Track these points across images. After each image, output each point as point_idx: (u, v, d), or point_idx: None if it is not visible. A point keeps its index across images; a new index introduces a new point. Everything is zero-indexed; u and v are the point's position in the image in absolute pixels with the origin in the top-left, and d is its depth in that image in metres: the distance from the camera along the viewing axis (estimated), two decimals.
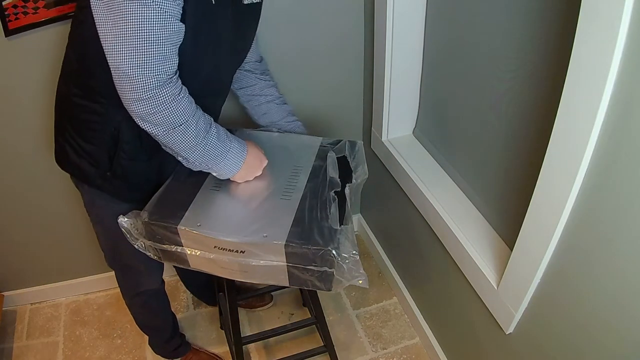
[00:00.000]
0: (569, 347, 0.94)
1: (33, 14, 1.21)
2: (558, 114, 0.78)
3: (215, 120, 1.24)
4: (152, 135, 0.95)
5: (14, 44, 1.26)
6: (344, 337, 1.71)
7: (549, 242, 0.89)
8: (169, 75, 0.89)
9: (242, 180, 1.07)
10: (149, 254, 1.02)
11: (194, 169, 1.03)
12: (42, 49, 1.29)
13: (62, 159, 1.11)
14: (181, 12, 0.86)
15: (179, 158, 1.01)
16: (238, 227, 0.96)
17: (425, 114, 1.54)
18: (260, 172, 1.09)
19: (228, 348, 1.66)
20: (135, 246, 1.00)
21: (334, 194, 1.02)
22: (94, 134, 1.03)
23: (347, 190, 1.06)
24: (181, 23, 0.87)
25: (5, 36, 1.24)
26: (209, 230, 0.95)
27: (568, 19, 0.80)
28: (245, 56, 1.18)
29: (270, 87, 1.30)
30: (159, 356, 1.63)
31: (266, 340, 1.66)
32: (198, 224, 0.96)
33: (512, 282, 1.04)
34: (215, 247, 0.96)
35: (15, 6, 1.19)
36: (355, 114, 1.77)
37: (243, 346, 1.36)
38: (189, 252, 0.99)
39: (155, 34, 0.83)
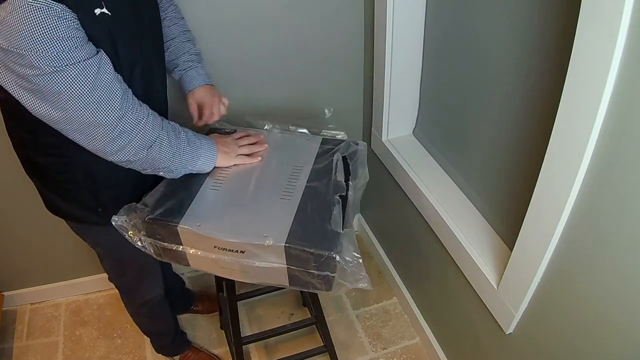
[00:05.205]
0: (569, 347, 0.94)
1: None
2: (558, 114, 0.78)
3: (165, 104, 1.16)
4: (133, 166, 0.95)
5: None
6: (344, 337, 1.71)
7: (549, 242, 0.89)
8: (119, 99, 0.84)
9: (229, 163, 1.09)
10: (149, 251, 1.02)
11: (177, 177, 1.04)
12: None
13: (53, 209, 1.11)
14: (86, 39, 0.79)
15: (160, 173, 1.01)
16: (238, 227, 0.96)
17: (425, 114, 1.54)
18: (237, 147, 1.11)
19: (228, 348, 1.66)
20: (136, 245, 1.00)
21: (338, 197, 1.02)
22: (66, 185, 1.02)
23: (350, 193, 1.06)
24: (96, 50, 0.81)
25: None
26: (209, 230, 0.95)
27: (568, 19, 0.80)
28: (158, 26, 1.06)
29: (171, 26, 1.17)
30: (160, 355, 1.63)
31: (266, 340, 1.66)
32: (198, 224, 0.96)
33: (512, 282, 1.04)
34: (215, 247, 0.96)
35: None
36: (355, 114, 1.77)
37: (243, 346, 1.36)
38: (189, 252, 0.99)
39: (91, 85, 0.79)
